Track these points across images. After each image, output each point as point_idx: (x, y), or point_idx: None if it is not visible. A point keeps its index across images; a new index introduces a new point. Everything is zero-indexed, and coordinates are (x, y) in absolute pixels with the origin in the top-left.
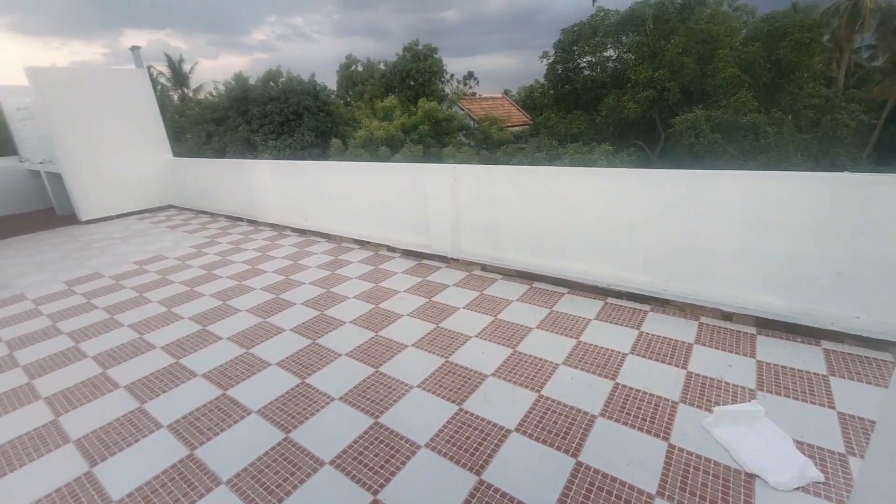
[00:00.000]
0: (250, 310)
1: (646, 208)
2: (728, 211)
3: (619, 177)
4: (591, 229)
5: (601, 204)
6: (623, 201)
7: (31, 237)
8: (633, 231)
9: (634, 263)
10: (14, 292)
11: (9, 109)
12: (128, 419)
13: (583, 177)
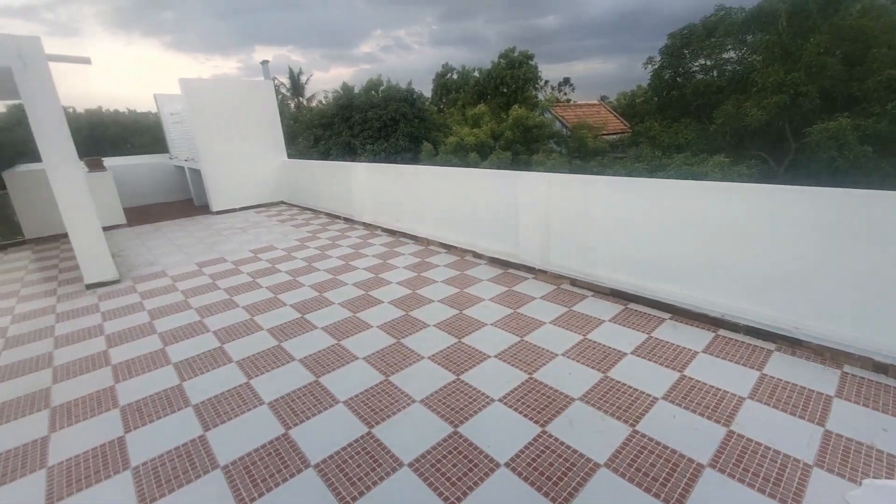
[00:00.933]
0: (342, 303)
1: (776, 230)
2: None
3: (749, 193)
4: (704, 250)
5: (717, 222)
6: (747, 220)
7: (174, 223)
8: (756, 255)
9: (757, 292)
10: (158, 269)
11: (164, 114)
12: (236, 392)
13: (694, 191)
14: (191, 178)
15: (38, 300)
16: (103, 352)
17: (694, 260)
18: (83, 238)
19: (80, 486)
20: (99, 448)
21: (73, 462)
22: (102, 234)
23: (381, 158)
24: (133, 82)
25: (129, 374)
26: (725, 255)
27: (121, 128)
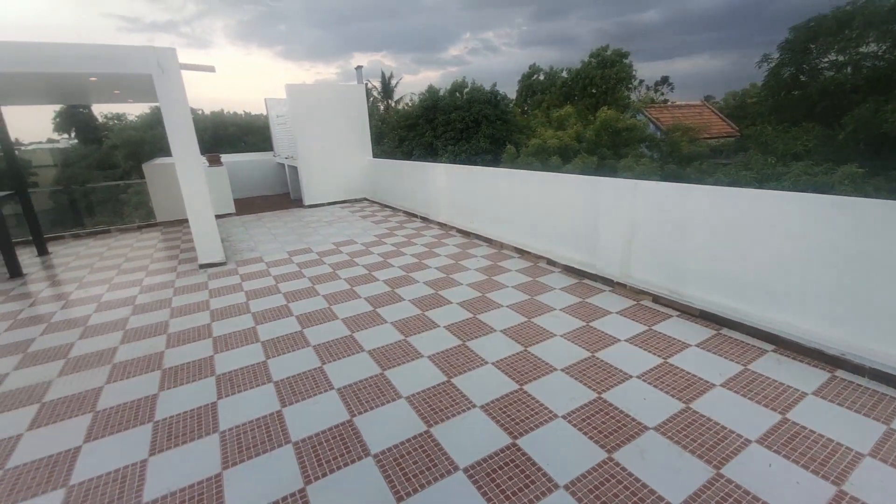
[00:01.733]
0: (412, 300)
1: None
2: None
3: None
4: (830, 277)
5: (854, 247)
6: (887, 243)
7: (273, 214)
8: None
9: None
10: (256, 255)
11: (272, 116)
12: (311, 374)
13: (823, 206)
14: (289, 174)
15: (161, 275)
16: (207, 325)
17: (813, 288)
18: (200, 224)
19: (177, 441)
20: (195, 410)
21: (174, 420)
22: (215, 221)
23: (462, 160)
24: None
25: (225, 347)
26: (859, 285)
27: (237, 128)
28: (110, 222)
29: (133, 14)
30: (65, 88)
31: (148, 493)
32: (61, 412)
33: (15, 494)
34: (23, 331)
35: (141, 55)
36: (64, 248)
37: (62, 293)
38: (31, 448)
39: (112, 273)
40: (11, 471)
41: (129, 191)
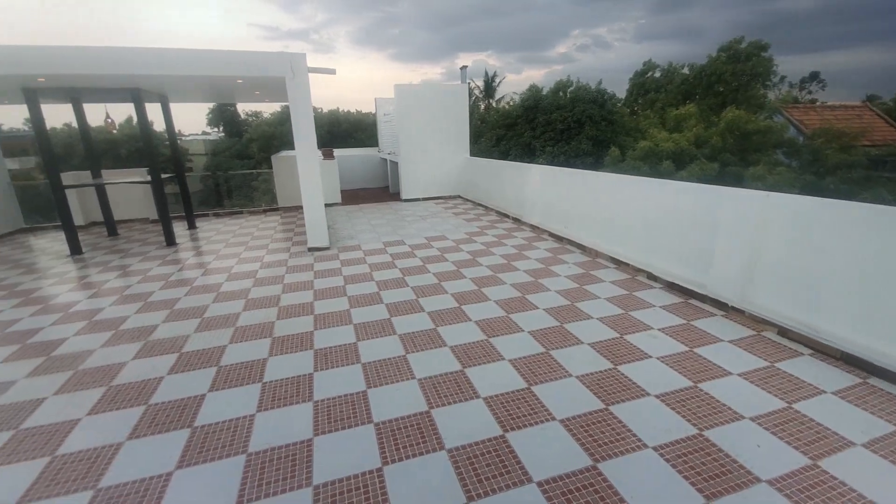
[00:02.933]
0: (498, 301)
1: None
2: None
3: None
4: None
5: None
6: None
7: (372, 206)
8: None
9: None
10: (355, 243)
11: (380, 115)
12: (395, 362)
13: None
14: (390, 168)
15: (278, 254)
16: (311, 303)
17: None
18: (312, 211)
19: (279, 403)
20: (294, 378)
21: (279, 384)
22: (324, 209)
23: (560, 161)
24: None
25: (324, 325)
26: None
27: (349, 125)
28: (242, 205)
29: (273, 24)
30: (218, 89)
31: (253, 445)
32: (194, 363)
33: (152, 427)
34: (172, 290)
35: (278, 60)
36: (207, 224)
37: (203, 262)
38: (168, 390)
39: (241, 249)
40: (152, 407)
41: (258, 178)
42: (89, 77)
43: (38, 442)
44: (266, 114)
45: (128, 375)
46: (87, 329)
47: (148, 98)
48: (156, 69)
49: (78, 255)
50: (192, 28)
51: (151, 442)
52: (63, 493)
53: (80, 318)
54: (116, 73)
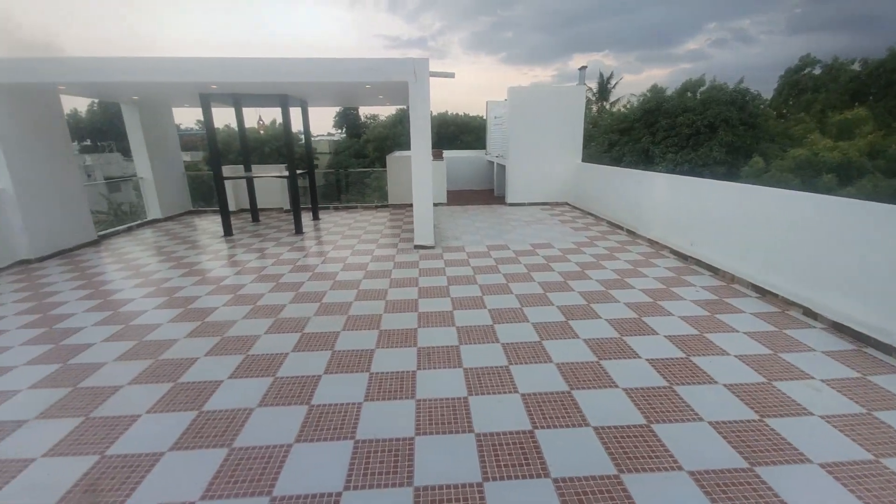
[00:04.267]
0: (610, 320)
1: None
2: None
3: None
4: None
5: None
6: None
7: (477, 208)
8: None
9: None
10: (459, 244)
11: (490, 117)
12: (497, 371)
13: None
14: (496, 171)
15: (386, 249)
16: (415, 300)
17: None
18: (420, 210)
19: (383, 396)
20: (399, 374)
21: (385, 376)
22: (432, 208)
23: (684, 171)
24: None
25: (427, 323)
26: None
27: (457, 127)
28: (357, 200)
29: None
30: (348, 94)
31: (360, 433)
32: (313, 344)
33: (278, 399)
34: (297, 274)
35: (402, 66)
36: (328, 216)
37: (323, 251)
38: (292, 366)
39: (354, 241)
40: (278, 380)
41: (371, 176)
42: (249, 84)
43: (190, 396)
44: (382, 116)
45: (261, 347)
46: (232, 301)
47: (292, 103)
48: (302, 77)
49: (229, 237)
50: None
51: (276, 412)
52: (205, 446)
53: (228, 291)
54: (270, 80)
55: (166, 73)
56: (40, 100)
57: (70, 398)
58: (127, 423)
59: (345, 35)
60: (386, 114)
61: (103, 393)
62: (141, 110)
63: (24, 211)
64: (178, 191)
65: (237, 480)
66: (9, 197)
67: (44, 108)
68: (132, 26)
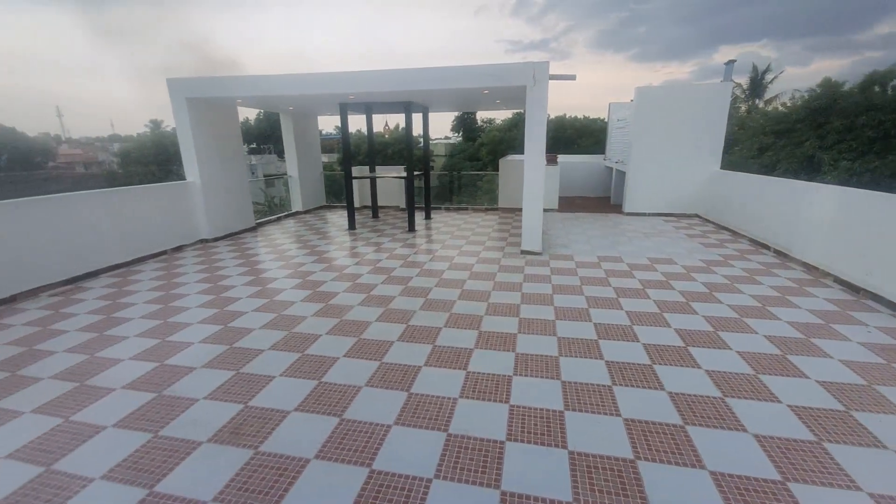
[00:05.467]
0: (743, 353)
1: None
2: None
3: None
4: None
5: None
6: None
7: (590, 216)
8: None
9: None
10: (568, 252)
11: (612, 120)
12: (598, 389)
13: None
14: (614, 178)
15: (492, 251)
16: (517, 305)
17: None
18: (530, 215)
19: (478, 396)
20: (494, 376)
21: (481, 377)
22: (542, 214)
23: (863, 182)
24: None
25: (527, 330)
26: None
27: (574, 131)
28: (468, 202)
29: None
30: (466, 99)
31: (453, 427)
32: (416, 336)
33: (382, 382)
34: (407, 269)
35: (522, 70)
36: (439, 216)
37: (432, 249)
38: (396, 354)
39: (462, 242)
40: (384, 365)
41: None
42: (380, 93)
43: (313, 367)
44: (498, 120)
45: (372, 333)
46: (351, 289)
47: (415, 109)
48: (425, 84)
49: (353, 230)
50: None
51: (380, 394)
52: (321, 412)
53: (348, 279)
54: (398, 89)
55: (316, 86)
56: (223, 110)
57: (226, 355)
58: (265, 381)
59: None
60: (502, 117)
61: (250, 354)
62: (294, 118)
63: (206, 200)
64: (316, 188)
65: (344, 448)
66: (197, 188)
67: (225, 117)
68: (294, 46)
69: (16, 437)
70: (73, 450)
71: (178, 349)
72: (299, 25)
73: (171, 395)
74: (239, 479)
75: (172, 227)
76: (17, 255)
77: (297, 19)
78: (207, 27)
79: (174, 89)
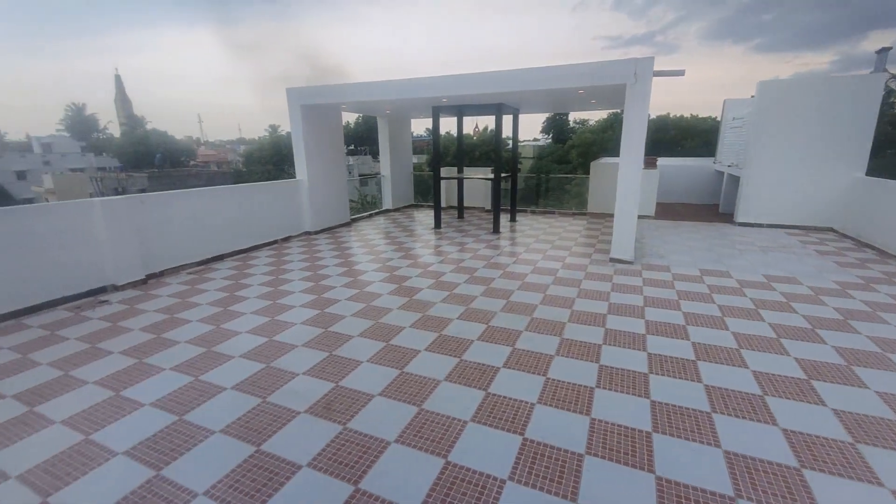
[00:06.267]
0: (884, 394)
1: None
2: None
3: None
4: None
5: None
6: None
7: (692, 225)
8: None
9: None
10: (664, 263)
11: (725, 119)
12: (694, 415)
13: None
14: (725, 184)
15: (579, 258)
16: (603, 315)
17: None
18: (622, 221)
19: (557, 404)
20: (575, 386)
21: (560, 385)
22: (636, 220)
23: None
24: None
25: (613, 342)
26: None
27: (678, 131)
28: (555, 206)
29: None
30: (559, 100)
31: (529, 432)
32: (496, 337)
33: (461, 378)
34: (490, 270)
35: (622, 67)
36: (524, 219)
37: (515, 252)
38: (475, 353)
39: (547, 246)
40: (462, 362)
41: (572, 183)
42: (473, 96)
43: (396, 357)
44: (592, 121)
45: (452, 330)
46: (434, 286)
47: (505, 111)
48: (518, 86)
49: (438, 229)
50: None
51: (458, 389)
52: (402, 399)
53: (432, 276)
54: (490, 91)
55: (412, 90)
56: (330, 115)
57: (321, 337)
58: (353, 365)
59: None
60: (596, 118)
61: (341, 338)
62: (390, 121)
63: (311, 196)
64: (405, 187)
65: (422, 436)
66: (305, 186)
67: (331, 121)
68: (393, 52)
69: (158, 389)
70: (200, 405)
71: (284, 328)
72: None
73: (277, 367)
74: (329, 449)
75: (284, 219)
76: (167, 238)
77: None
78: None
79: (292, 97)
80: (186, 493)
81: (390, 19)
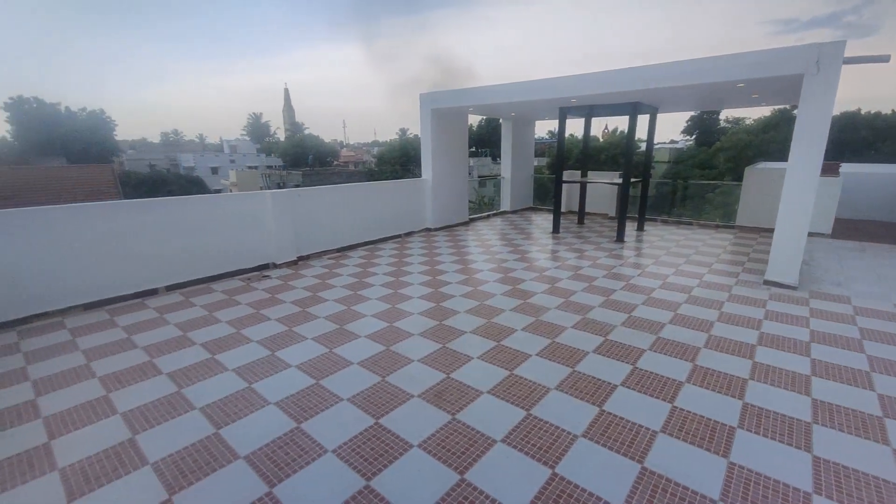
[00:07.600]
0: None
1: None
2: None
3: None
4: None
5: None
6: None
7: (887, 248)
8: None
9: None
10: (842, 292)
11: None
12: (875, 483)
13: None
14: None
15: (721, 276)
16: (751, 345)
17: None
18: (785, 238)
19: (683, 437)
20: (711, 422)
21: (691, 417)
22: (805, 239)
23: None
24: None
25: (763, 379)
26: None
27: (871, 132)
28: (691, 216)
29: (790, 15)
30: (709, 96)
31: (649, 462)
32: (614, 352)
33: (572, 390)
34: (611, 281)
35: (800, 54)
36: (653, 229)
37: (641, 264)
38: (590, 365)
39: (681, 260)
40: (575, 373)
41: (717, 191)
42: (606, 95)
43: (506, 358)
44: (749, 120)
45: (565, 338)
46: (549, 291)
47: (641, 111)
48: (657, 82)
49: (556, 234)
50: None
51: (569, 401)
52: (510, 401)
53: (547, 281)
54: (627, 89)
55: (538, 92)
56: (456, 118)
57: (436, 329)
58: (465, 360)
59: (717, 29)
60: (755, 116)
61: (454, 333)
62: (514, 124)
63: (434, 195)
64: (524, 190)
65: (528, 442)
66: (429, 186)
67: (457, 123)
68: (520, 51)
69: (302, 355)
70: (333, 374)
71: (403, 316)
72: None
73: (396, 351)
74: (438, 435)
75: (408, 215)
76: (313, 226)
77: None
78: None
79: (424, 102)
80: (319, 448)
81: (517, 23)
